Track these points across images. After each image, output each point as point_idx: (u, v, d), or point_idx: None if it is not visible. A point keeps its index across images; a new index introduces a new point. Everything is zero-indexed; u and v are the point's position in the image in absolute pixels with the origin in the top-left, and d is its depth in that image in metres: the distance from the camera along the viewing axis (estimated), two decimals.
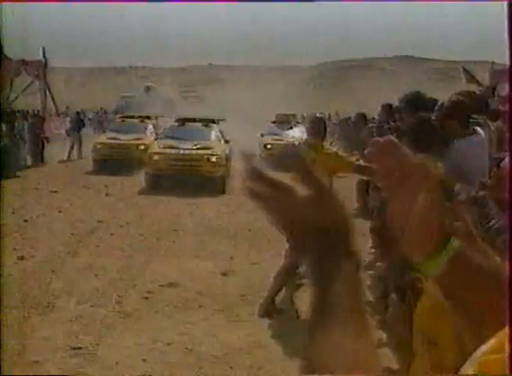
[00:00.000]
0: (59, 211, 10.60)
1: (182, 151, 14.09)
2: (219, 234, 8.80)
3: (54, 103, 26.22)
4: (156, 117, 21.94)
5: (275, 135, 21.10)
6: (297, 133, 19.95)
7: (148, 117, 20.77)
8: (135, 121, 20.06)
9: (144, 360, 4.46)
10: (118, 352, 4.59)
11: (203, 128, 15.79)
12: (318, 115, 16.61)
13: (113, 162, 16.93)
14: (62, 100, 31.77)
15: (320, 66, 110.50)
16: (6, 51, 23.26)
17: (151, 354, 4.56)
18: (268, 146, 19.68)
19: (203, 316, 5.40)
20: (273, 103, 19.62)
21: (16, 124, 17.63)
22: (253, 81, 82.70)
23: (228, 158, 14.76)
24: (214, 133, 15.52)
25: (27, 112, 21.85)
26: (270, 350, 4.66)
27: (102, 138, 18.84)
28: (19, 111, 20.67)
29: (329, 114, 40.49)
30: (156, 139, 15.69)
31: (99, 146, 17.76)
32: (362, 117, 15.17)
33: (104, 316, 5.36)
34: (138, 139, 17.68)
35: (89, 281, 6.41)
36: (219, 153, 14.24)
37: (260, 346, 4.73)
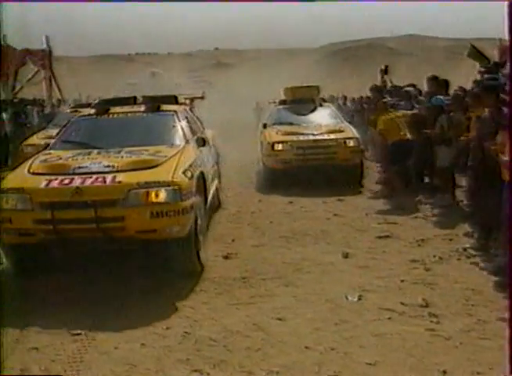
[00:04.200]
0: None
1: (76, 181, 5.60)
2: (222, 217, 8.78)
3: (60, 91, 26.16)
4: None
5: (289, 124, 12.14)
6: (328, 119, 12.41)
7: None
8: None
9: (142, 344, 4.47)
10: (117, 337, 4.59)
11: (146, 117, 7.52)
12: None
13: None
14: (68, 89, 31.71)
15: (327, 47, 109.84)
16: (9, 41, 23.24)
17: (150, 338, 4.57)
18: (279, 147, 11.19)
19: (203, 299, 5.41)
20: (281, 84, 17.17)
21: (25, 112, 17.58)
22: (260, 65, 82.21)
23: (200, 186, 6.62)
24: (174, 128, 7.28)
25: (36, 100, 21.85)
26: (269, 333, 4.64)
27: (36, 138, 12.05)
28: (34, 100, 20.60)
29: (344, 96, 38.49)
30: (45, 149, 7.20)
31: (27, 150, 11.11)
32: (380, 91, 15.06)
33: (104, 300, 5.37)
34: None
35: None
36: (175, 179, 5.68)
37: (259, 329, 4.71)
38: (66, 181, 5.62)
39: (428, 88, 10.52)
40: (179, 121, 7.45)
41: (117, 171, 5.75)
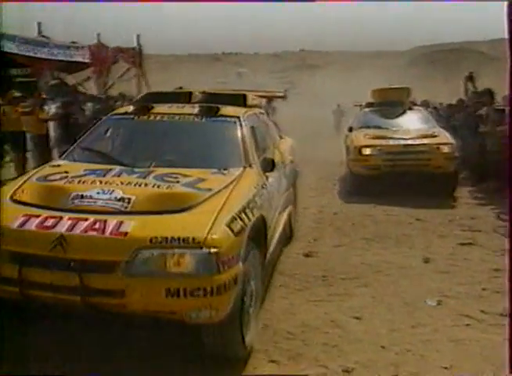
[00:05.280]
0: None
1: (63, 225, 3.73)
2: (305, 217, 8.81)
3: (148, 88, 26.93)
4: None
5: (377, 127, 11.50)
6: (419, 123, 11.67)
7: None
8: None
9: None
10: None
11: (198, 123, 5.40)
12: None
13: None
14: (157, 86, 32.55)
15: (414, 50, 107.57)
16: (103, 40, 24.18)
17: None
18: (367, 152, 10.58)
19: (282, 294, 5.53)
20: (366, 87, 16.37)
21: (112, 109, 18.18)
22: (345, 67, 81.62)
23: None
24: (233, 144, 5.18)
25: (124, 96, 22.58)
26: (346, 330, 4.73)
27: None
28: (123, 96, 21.31)
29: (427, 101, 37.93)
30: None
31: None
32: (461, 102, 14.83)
33: None
34: None
35: None
36: (213, 236, 3.60)
37: (336, 326, 4.81)
38: (50, 222, 3.79)
39: None
40: (243, 132, 5.30)
41: (129, 213, 3.90)
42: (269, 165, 5.09)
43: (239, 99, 6.07)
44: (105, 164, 4.75)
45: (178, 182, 4.31)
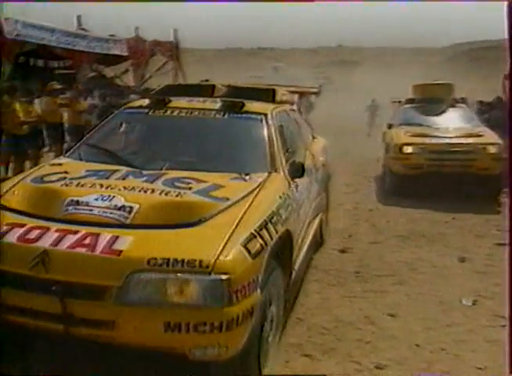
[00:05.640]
0: None
1: (48, 238, 3.17)
2: (340, 212, 8.76)
3: (185, 81, 27.08)
4: None
5: (418, 125, 10.90)
6: (463, 121, 11.04)
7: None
8: None
9: None
10: None
11: (220, 120, 4.75)
12: None
13: None
14: (194, 79, 32.72)
15: (453, 47, 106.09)
16: (141, 33, 24.41)
17: None
18: (409, 150, 10.06)
19: (316, 289, 5.54)
20: (405, 85, 15.52)
21: None
22: (382, 63, 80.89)
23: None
24: (258, 145, 4.54)
25: None
26: (380, 327, 4.72)
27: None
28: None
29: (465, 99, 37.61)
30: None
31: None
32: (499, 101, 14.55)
33: None
34: None
35: None
36: (226, 258, 3.02)
37: (370, 322, 4.80)
38: (35, 234, 3.22)
39: None
40: (269, 132, 4.65)
41: (129, 226, 3.33)
42: (298, 170, 4.43)
43: (268, 95, 5.44)
44: (111, 165, 4.15)
45: (190, 188, 3.70)
